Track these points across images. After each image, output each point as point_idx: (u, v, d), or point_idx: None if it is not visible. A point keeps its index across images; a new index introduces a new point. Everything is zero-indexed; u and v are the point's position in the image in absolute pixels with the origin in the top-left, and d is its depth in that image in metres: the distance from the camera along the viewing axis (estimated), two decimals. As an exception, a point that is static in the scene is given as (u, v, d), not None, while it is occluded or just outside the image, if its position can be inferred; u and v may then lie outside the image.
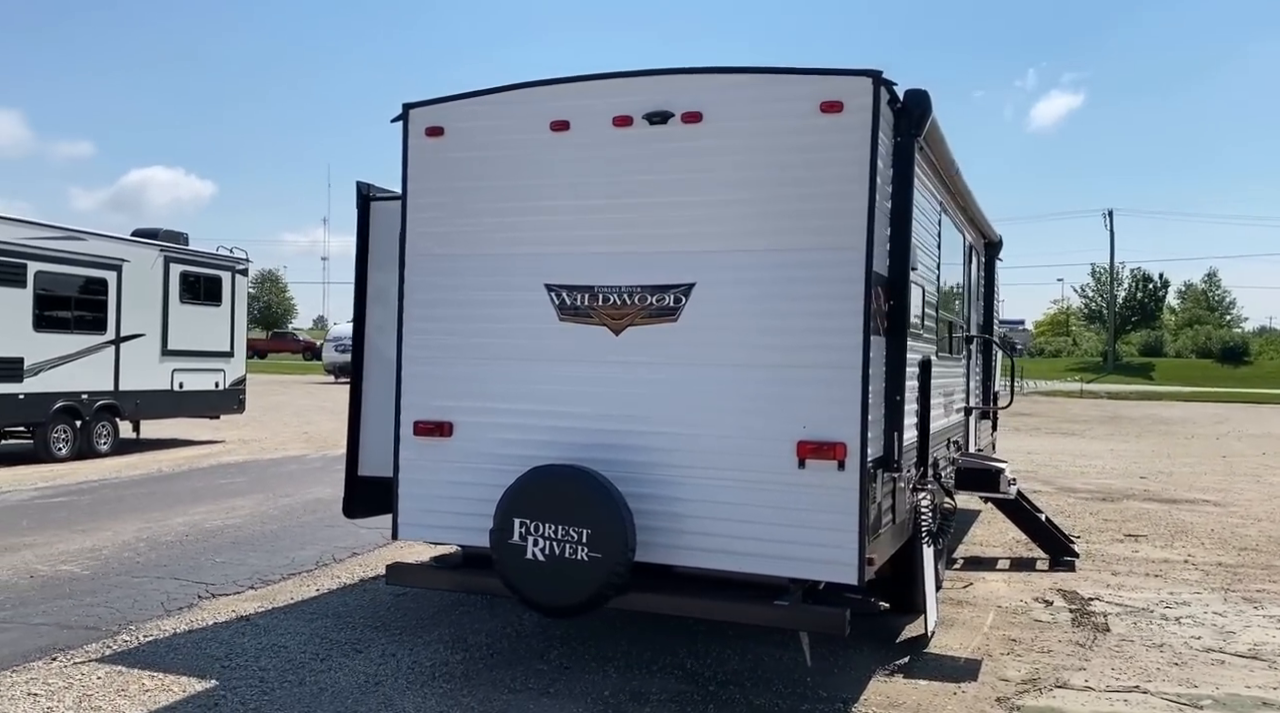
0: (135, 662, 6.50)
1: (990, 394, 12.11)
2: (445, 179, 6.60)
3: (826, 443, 5.74)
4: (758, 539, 5.89)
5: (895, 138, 6.17)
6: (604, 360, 6.23)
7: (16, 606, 7.82)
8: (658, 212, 6.12)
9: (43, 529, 10.91)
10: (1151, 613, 8.57)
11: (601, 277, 6.23)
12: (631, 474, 6.10)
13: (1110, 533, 12.39)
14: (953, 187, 8.71)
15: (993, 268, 12.16)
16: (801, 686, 6.46)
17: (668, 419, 6.10)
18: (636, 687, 6.31)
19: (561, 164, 6.31)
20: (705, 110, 6.02)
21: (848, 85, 5.75)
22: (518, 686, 6.26)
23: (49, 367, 17.35)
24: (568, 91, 6.33)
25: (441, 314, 6.61)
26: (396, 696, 6.03)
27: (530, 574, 5.88)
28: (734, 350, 5.98)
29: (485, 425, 6.49)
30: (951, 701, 6.33)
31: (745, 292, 5.96)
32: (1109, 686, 6.69)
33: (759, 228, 5.93)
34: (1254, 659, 7.36)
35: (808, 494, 5.78)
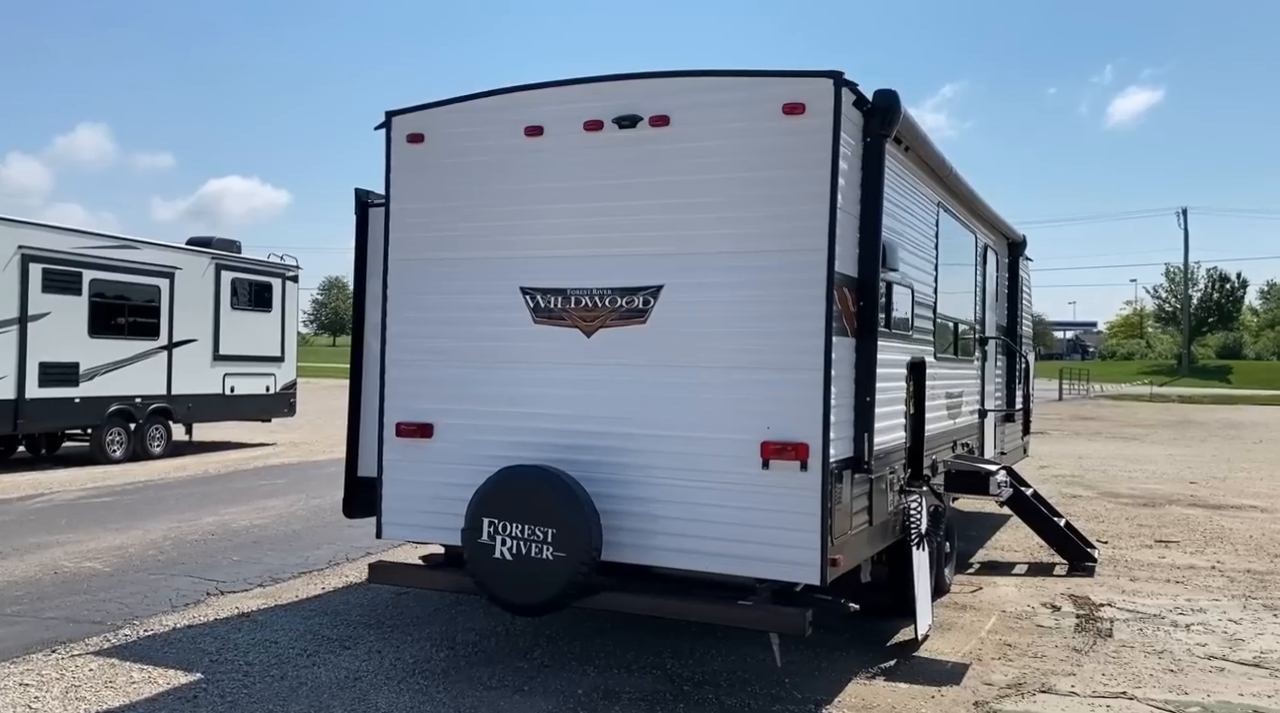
0: (130, 655, 6.71)
1: (1013, 396, 11.93)
2: (426, 185, 6.73)
3: (789, 444, 5.75)
4: (724, 539, 5.91)
5: (865, 138, 6.16)
6: (576, 362, 6.30)
7: (34, 600, 8.11)
8: (627, 214, 6.18)
9: (79, 528, 11.27)
10: (1162, 619, 8.41)
11: (574, 279, 6.31)
12: (601, 475, 6.16)
13: (1141, 539, 12.14)
14: (953, 187, 8.63)
15: (1016, 268, 12.00)
16: (778, 687, 6.47)
17: (637, 420, 6.16)
18: (611, 686, 6.36)
19: (536, 168, 6.40)
20: (672, 114, 6.07)
21: (809, 87, 5.76)
22: (494, 683, 6.36)
23: (104, 371, 17.89)
24: (541, 97, 6.42)
25: (422, 318, 6.74)
26: (372, 691, 6.15)
27: (498, 573, 5.98)
28: (700, 352, 6.02)
29: (464, 427, 6.60)
30: (928, 704, 6.29)
31: (711, 294, 5.99)
32: (1095, 691, 6.59)
33: (724, 230, 5.96)
34: (1256, 667, 7.19)
35: (771, 495, 5.79)
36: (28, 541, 10.53)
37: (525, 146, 6.41)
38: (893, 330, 6.96)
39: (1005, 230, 11.39)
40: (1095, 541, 11.88)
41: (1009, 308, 11.92)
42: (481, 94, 6.60)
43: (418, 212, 6.75)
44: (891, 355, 6.95)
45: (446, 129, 6.68)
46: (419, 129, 6.73)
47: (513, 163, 6.46)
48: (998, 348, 11.31)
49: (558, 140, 6.34)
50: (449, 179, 6.65)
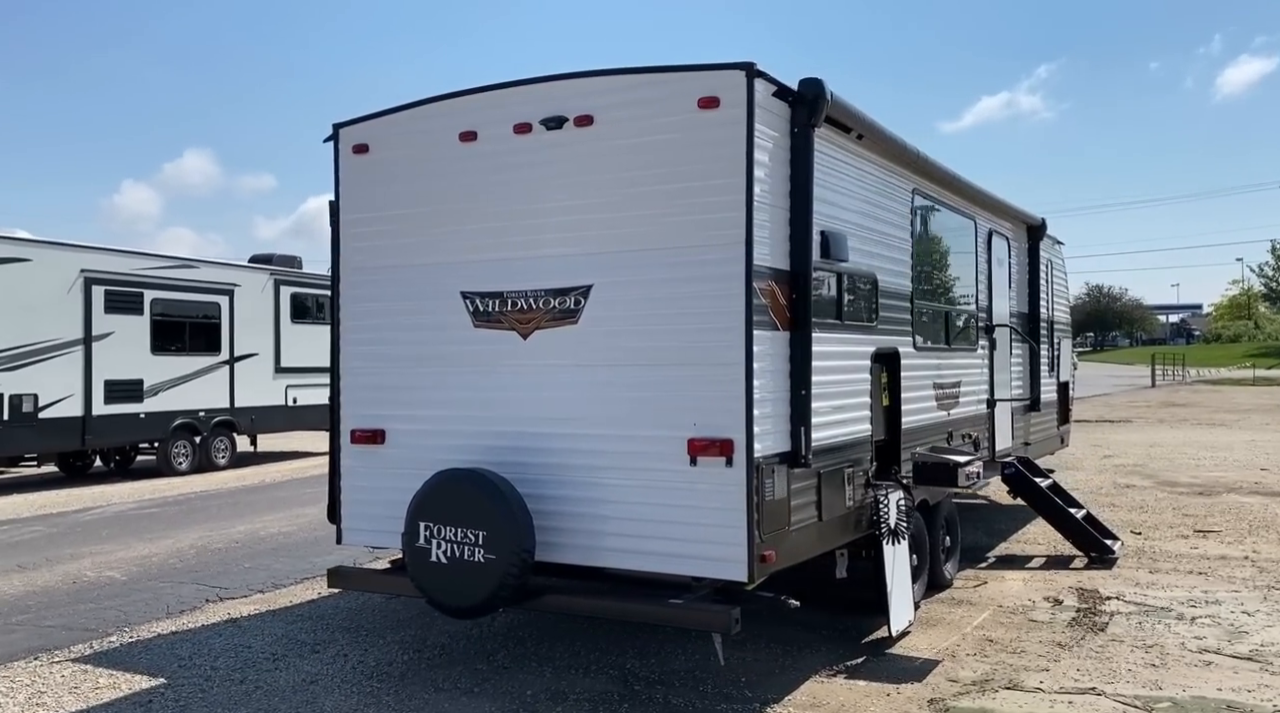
0: (105, 662, 6.94)
1: (1036, 385, 11.59)
2: (371, 194, 6.83)
3: (714, 440, 5.70)
4: (655, 538, 5.89)
5: (792, 130, 6.07)
6: (514, 364, 6.33)
7: (42, 609, 8.44)
8: (557, 215, 6.20)
9: (116, 538, 11.69)
10: (1168, 612, 8.11)
11: (510, 282, 6.35)
12: (538, 476, 6.19)
13: (1180, 529, 11.70)
14: (934, 174, 8.45)
15: (1036, 253, 11.67)
16: (732, 686, 6.40)
17: (571, 421, 6.16)
18: (562, 687, 6.37)
19: (471, 173, 6.45)
20: (596, 113, 6.07)
21: (722, 80, 5.70)
22: (446, 685, 6.41)
23: (167, 387, 18.53)
24: (474, 103, 6.47)
25: (373, 325, 6.84)
26: (324, 694, 6.26)
27: (434, 576, 6.03)
28: (629, 350, 6.00)
29: (413, 432, 6.68)
30: (880, 702, 6.17)
31: (637, 292, 5.97)
32: (1063, 687, 6.39)
33: (647, 227, 5.93)
34: (1248, 661, 6.89)
35: (699, 492, 5.75)
36: (64, 551, 10.95)
37: (461, 152, 6.47)
38: (846, 321, 6.85)
39: (1016, 215, 11.09)
40: (1129, 531, 11.54)
41: (1030, 294, 11.60)
42: (419, 102, 6.68)
43: (365, 221, 6.86)
44: (846, 347, 6.84)
45: (388, 139, 6.77)
46: (363, 140, 6.84)
47: (450, 169, 6.52)
48: (1014, 336, 11.02)
49: (490, 145, 6.38)
50: (392, 188, 6.74)
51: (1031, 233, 11.67)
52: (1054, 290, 12.86)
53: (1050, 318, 12.54)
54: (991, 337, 10.03)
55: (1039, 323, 11.65)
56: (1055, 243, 13.21)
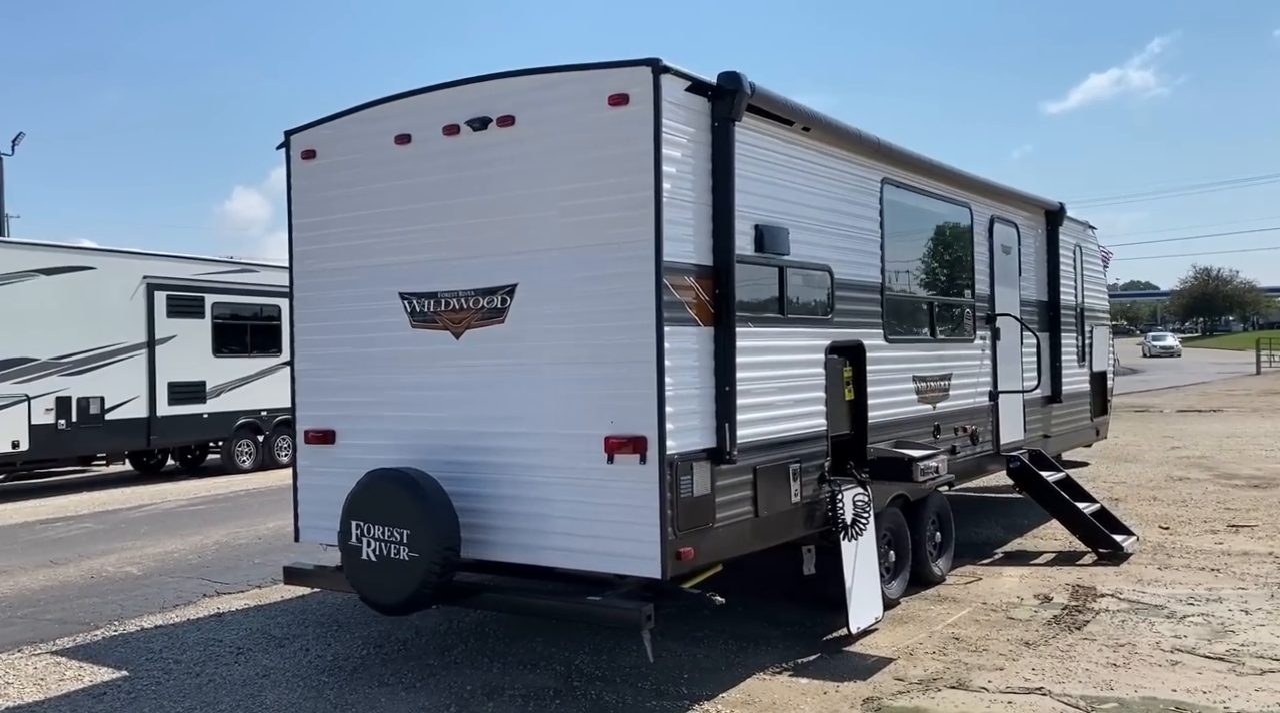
0: (81, 655, 7.23)
1: (1057, 376, 11.26)
2: (319, 199, 6.98)
3: (629, 438, 5.70)
4: (579, 535, 5.91)
5: (712, 124, 6.02)
6: (447, 364, 6.41)
7: (50, 602, 8.82)
8: (485, 215, 6.25)
9: (152, 534, 12.13)
10: (1159, 610, 7.84)
11: (443, 283, 6.43)
12: (468, 474, 6.26)
13: (1214, 524, 11.27)
14: (912, 164, 8.28)
15: (1055, 239, 11.33)
16: (672, 683, 6.39)
17: (498, 419, 6.22)
18: (502, 683, 6.43)
19: (406, 176, 6.55)
20: (517, 113, 6.11)
21: (629, 77, 5.69)
22: (392, 681, 6.53)
23: (229, 387, 19.14)
24: (408, 106, 6.56)
25: (322, 327, 6.99)
26: (270, 688, 6.43)
27: (365, 573, 6.15)
28: (551, 349, 6.03)
29: (360, 432, 6.82)
30: (814, 700, 6.10)
31: (558, 291, 5.99)
32: (1010, 687, 6.23)
33: (566, 226, 5.95)
34: (1220, 661, 6.63)
35: (616, 489, 5.75)
36: (98, 547, 11.42)
37: (397, 155, 6.57)
38: (790, 315, 6.77)
39: (1027, 201, 10.78)
40: (1158, 526, 11.19)
41: (1049, 281, 11.27)
42: (360, 107, 6.80)
43: (315, 225, 7.01)
44: (791, 341, 6.76)
45: (333, 144, 6.91)
46: (311, 146, 6.99)
47: (388, 172, 6.62)
48: (1029, 325, 10.73)
49: (423, 147, 6.47)
50: (337, 192, 6.88)
51: (1050, 219, 11.33)
52: (1084, 277, 12.48)
53: (1079, 306, 12.17)
54: (994, 327, 9.78)
55: (1059, 311, 11.30)
56: (1086, 228, 12.82)
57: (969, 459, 9.31)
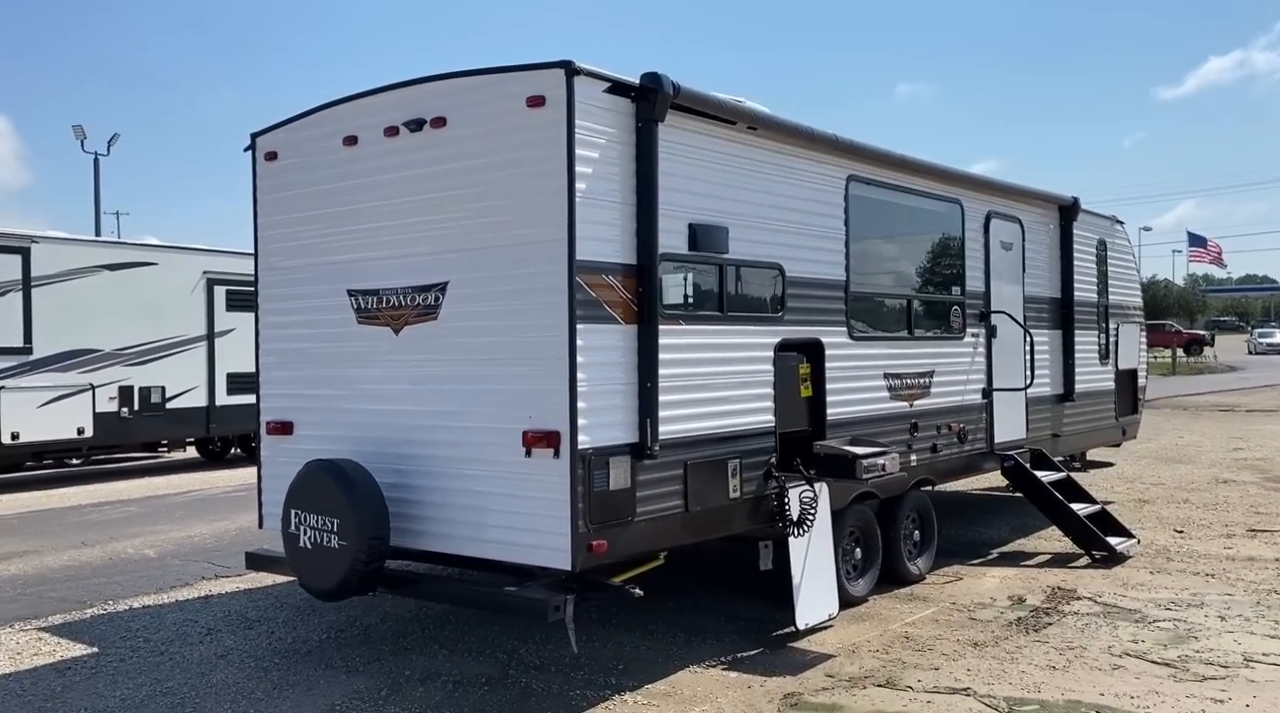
0: (64, 632, 7.62)
1: (1070, 374, 11.03)
2: (280, 199, 7.24)
3: (544, 433, 5.82)
4: (500, 527, 6.06)
5: (636, 124, 6.10)
6: (387, 359, 6.62)
7: (59, 581, 9.29)
8: (421, 213, 6.43)
9: (183, 519, 12.64)
10: (1130, 614, 7.71)
11: (385, 280, 6.63)
12: (406, 467, 6.46)
13: (1234, 528, 10.98)
14: (885, 160, 8.24)
15: (1070, 234, 11.10)
16: (604, 673, 6.51)
17: (431, 414, 6.40)
18: (442, 668, 6.62)
19: (353, 176, 6.76)
20: (448, 114, 6.27)
21: (545, 79, 5.80)
22: (339, 664, 6.76)
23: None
24: (355, 108, 6.77)
25: (282, 322, 7.26)
26: (223, 668, 6.71)
27: (302, 560, 6.39)
28: (478, 346, 6.18)
29: (313, 424, 7.07)
30: (736, 693, 6.16)
31: (484, 288, 6.15)
32: (936, 687, 6.21)
33: (492, 225, 6.09)
34: (1165, 667, 6.52)
35: (532, 483, 5.89)
36: (130, 530, 11.95)
37: (346, 156, 6.79)
38: (731, 312, 6.82)
39: (1033, 196, 10.59)
40: (1172, 529, 10.93)
41: (1062, 277, 11.06)
42: (315, 109, 7.03)
43: (276, 224, 7.28)
44: (731, 339, 6.81)
45: (291, 146, 7.16)
46: (273, 148, 7.25)
47: (338, 172, 6.85)
48: (1039, 322, 10.56)
49: (368, 148, 6.67)
50: (295, 192, 7.13)
51: (1064, 214, 11.11)
52: (1109, 273, 12.19)
53: (1101, 302, 11.91)
54: (989, 324, 9.65)
55: (1073, 308, 11.07)
56: (1114, 223, 12.52)
57: (955, 458, 9.22)
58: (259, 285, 7.41)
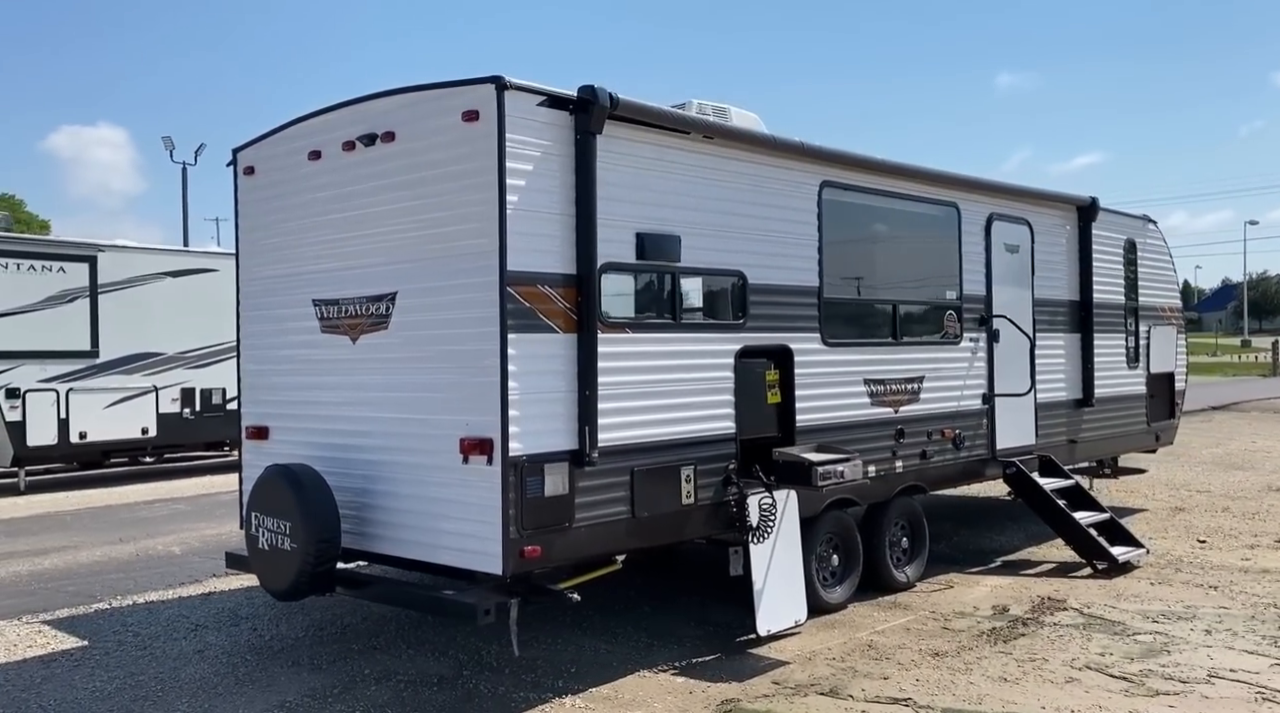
0: (64, 624, 8.00)
1: (1089, 379, 10.79)
2: (257, 211, 7.50)
3: (479, 440, 5.95)
4: (440, 532, 6.21)
5: (575, 136, 6.20)
6: (346, 367, 6.82)
7: (82, 576, 9.74)
8: (374, 225, 6.62)
9: (222, 518, 13.04)
10: (1113, 626, 7.56)
11: (344, 290, 6.83)
12: (360, 472, 6.66)
13: (1261, 539, 10.63)
14: (864, 165, 8.19)
15: (1089, 235, 10.85)
16: (554, 676, 6.62)
17: (381, 420, 6.58)
18: (399, 668, 6.80)
19: (317, 189, 6.98)
20: (397, 129, 6.44)
21: (478, 94, 5.93)
22: (305, 662, 6.99)
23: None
24: (319, 123, 6.99)
25: (259, 330, 7.52)
26: (195, 663, 6.98)
27: (261, 561, 6.62)
28: (423, 355, 6.33)
29: (284, 429, 7.31)
30: (676, 698, 6.22)
31: (428, 299, 6.30)
32: (877, 697, 6.19)
33: (434, 236, 6.24)
34: (1122, 681, 6.39)
35: (468, 489, 6.02)
36: (167, 528, 12.42)
37: (311, 170, 7.01)
38: (685, 320, 6.87)
39: (1047, 197, 10.38)
40: (1195, 539, 10.62)
41: (1081, 279, 10.82)
42: (284, 125, 7.27)
43: (255, 236, 7.54)
44: (685, 346, 6.86)
45: (266, 160, 7.41)
46: (251, 163, 7.52)
47: (305, 186, 7.08)
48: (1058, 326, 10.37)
49: (329, 162, 6.88)
50: (270, 204, 7.38)
51: (1082, 214, 10.86)
52: (1140, 274, 11.88)
53: (1128, 304, 11.61)
54: (990, 328, 9.50)
55: (1092, 310, 10.83)
56: (1146, 223, 12.19)
57: (951, 465, 9.10)
58: (240, 295, 7.69)
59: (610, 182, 6.35)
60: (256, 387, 7.57)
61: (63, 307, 16.93)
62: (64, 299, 16.98)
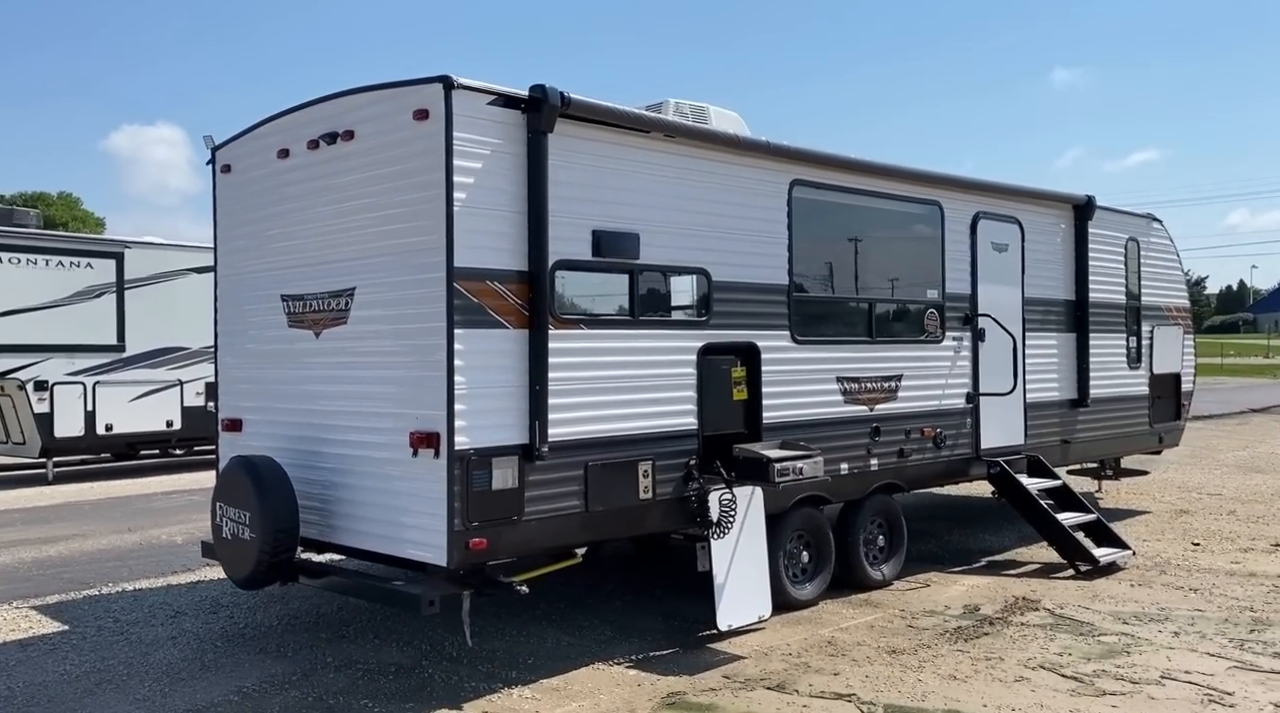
0: (51, 610, 8.23)
1: (1084, 379, 10.70)
2: (234, 208, 7.67)
3: (426, 433, 6.06)
4: (393, 523, 6.33)
5: (528, 133, 6.28)
6: (310, 361, 6.96)
7: (81, 564, 9.99)
8: (336, 222, 6.75)
9: (232, 510, 13.34)
10: (1080, 626, 7.53)
11: (309, 286, 6.97)
12: (320, 464, 6.80)
13: (1258, 542, 10.51)
14: (837, 163, 8.20)
15: (1085, 234, 10.76)
16: (509, 667, 6.71)
17: (341, 413, 6.71)
18: (361, 657, 6.92)
19: (285, 187, 7.13)
20: (356, 128, 6.57)
21: (428, 93, 6.03)
22: (272, 649, 7.14)
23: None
24: (287, 122, 7.13)
25: (234, 327, 7.69)
26: (168, 648, 7.16)
27: (225, 550, 6.80)
28: (378, 349, 6.45)
29: (255, 422, 7.47)
30: (622, 690, 6.29)
31: (382, 295, 6.42)
32: (823, 692, 6.22)
33: (389, 232, 6.36)
34: (1072, 681, 6.37)
35: (417, 481, 6.13)
36: (174, 519, 12.69)
37: (280, 168, 7.16)
38: (643, 317, 6.93)
39: (1039, 195, 10.31)
40: (1190, 542, 10.52)
41: (1077, 278, 10.73)
42: (258, 123, 7.43)
43: (231, 233, 7.72)
44: (643, 342, 6.92)
45: (241, 158, 7.58)
46: (227, 161, 7.69)
47: (274, 183, 7.23)
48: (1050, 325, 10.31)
49: (296, 160, 7.03)
50: (245, 202, 7.55)
51: (1078, 213, 10.77)
52: (1143, 273, 11.76)
53: (1129, 304, 11.50)
54: (975, 327, 9.46)
55: (1088, 310, 10.74)
56: (1150, 222, 12.06)
57: (931, 463, 9.08)
58: (217, 290, 7.86)
59: (564, 180, 6.43)
60: (231, 380, 7.74)
61: (90, 302, 17.32)
62: (91, 294, 17.36)
